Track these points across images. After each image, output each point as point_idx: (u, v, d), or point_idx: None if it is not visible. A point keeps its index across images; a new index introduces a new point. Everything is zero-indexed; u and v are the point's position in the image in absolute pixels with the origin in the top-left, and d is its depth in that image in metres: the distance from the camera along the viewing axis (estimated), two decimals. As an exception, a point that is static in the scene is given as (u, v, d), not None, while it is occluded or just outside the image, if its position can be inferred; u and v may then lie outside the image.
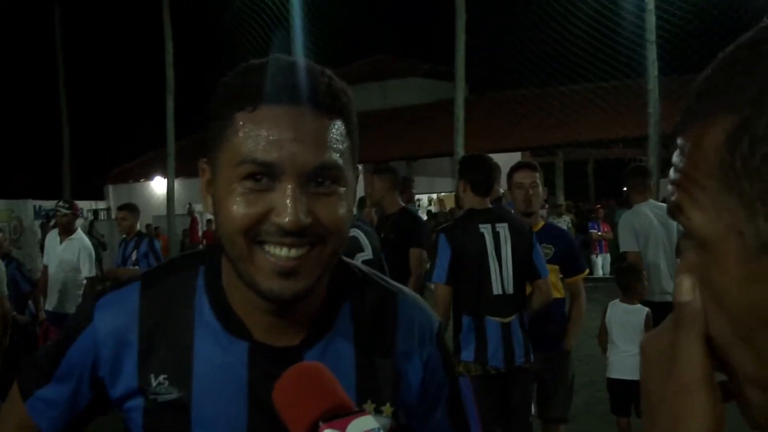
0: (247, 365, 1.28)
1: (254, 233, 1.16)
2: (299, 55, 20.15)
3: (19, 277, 7.60)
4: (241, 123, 1.16)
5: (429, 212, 24.85)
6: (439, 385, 1.41)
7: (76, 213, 8.40)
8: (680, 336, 0.71)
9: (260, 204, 1.15)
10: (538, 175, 5.21)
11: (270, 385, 1.19)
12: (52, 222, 15.98)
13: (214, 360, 1.28)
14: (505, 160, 27.77)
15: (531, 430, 4.96)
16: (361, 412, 1.00)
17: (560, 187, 24.54)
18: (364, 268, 1.42)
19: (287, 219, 1.13)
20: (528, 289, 4.84)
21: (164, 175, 22.66)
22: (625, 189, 7.58)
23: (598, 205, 23.33)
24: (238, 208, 1.15)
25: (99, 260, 24.72)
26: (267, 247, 1.16)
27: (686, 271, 0.71)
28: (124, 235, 8.55)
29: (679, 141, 0.71)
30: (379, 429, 0.98)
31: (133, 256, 8.12)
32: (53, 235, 8.27)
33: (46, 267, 8.18)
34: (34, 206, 25.32)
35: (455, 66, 17.41)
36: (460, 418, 1.46)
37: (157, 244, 8.44)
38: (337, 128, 1.19)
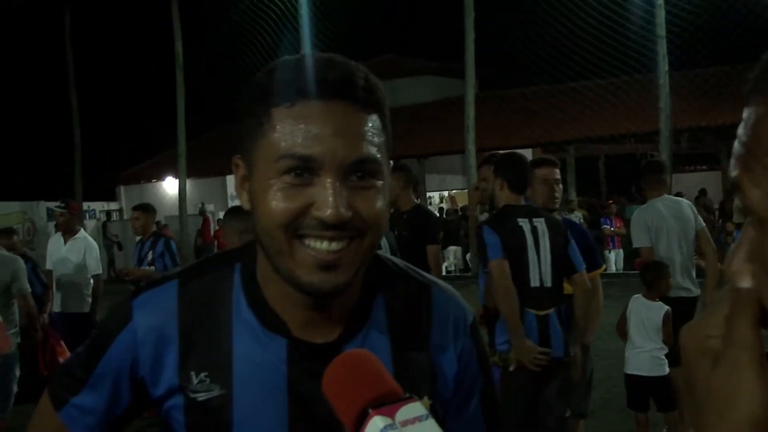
0: (286, 362, 1.28)
1: (294, 227, 1.16)
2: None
3: (34, 279, 7.58)
4: (279, 119, 1.17)
5: (440, 210, 24.84)
6: (473, 377, 1.41)
7: (74, 212, 8.34)
8: (736, 318, 0.71)
9: (300, 198, 1.15)
10: (558, 170, 5.24)
11: (310, 381, 1.24)
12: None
13: (253, 357, 1.28)
14: (516, 157, 27.47)
15: (565, 425, 4.97)
16: (411, 398, 1.01)
17: (572, 183, 24.43)
18: (398, 261, 1.43)
19: (328, 212, 1.13)
20: (566, 287, 4.88)
21: (176, 175, 22.75)
22: (640, 184, 7.51)
23: (610, 201, 23.25)
24: (278, 203, 1.16)
25: (112, 260, 24.90)
26: (307, 241, 1.17)
27: (743, 251, 0.71)
28: (140, 236, 8.48)
29: (744, 113, 0.70)
30: (427, 416, 0.99)
31: (149, 256, 8.03)
32: (56, 238, 8.25)
33: (50, 272, 8.10)
34: (47, 208, 25.38)
35: (465, 63, 17.42)
36: (492, 410, 1.47)
37: (173, 245, 8.37)
38: (374, 122, 1.20)
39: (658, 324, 5.71)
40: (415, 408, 0.98)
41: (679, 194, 17.65)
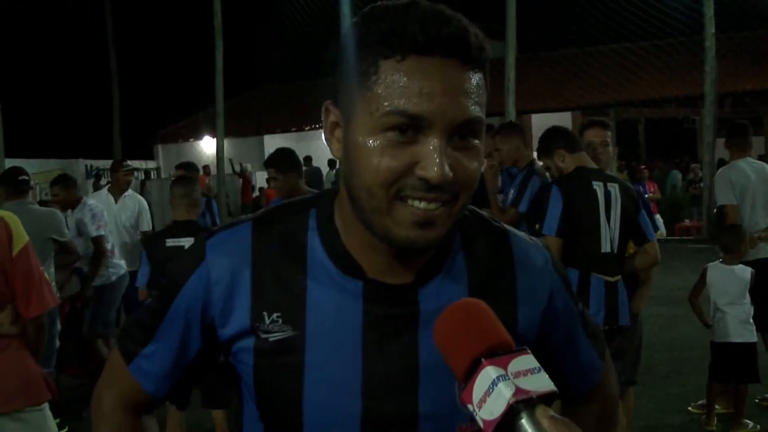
0: (361, 303, 1.26)
1: (397, 188, 1.14)
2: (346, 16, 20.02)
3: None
4: (387, 72, 1.13)
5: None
6: (569, 309, 1.42)
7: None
8: None
9: (404, 157, 1.13)
10: (609, 133, 5.10)
11: (385, 322, 1.26)
12: (105, 182, 16.13)
13: (327, 298, 1.27)
14: (557, 120, 27.54)
15: (626, 395, 4.96)
16: (523, 350, 1.01)
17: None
18: (471, 207, 1.39)
19: (434, 173, 1.11)
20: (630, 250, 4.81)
21: (213, 134, 22.84)
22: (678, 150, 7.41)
23: (643, 166, 22.95)
24: (382, 160, 1.13)
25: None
26: (410, 202, 1.14)
27: None
28: None
29: None
30: (539, 368, 1.00)
31: None
32: (104, 197, 8.07)
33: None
34: (86, 165, 25.68)
35: (506, 25, 17.21)
36: (595, 332, 1.49)
37: (215, 204, 8.36)
38: (480, 81, 1.17)
39: (745, 287, 5.63)
40: (528, 360, 1.00)
41: (722, 159, 17.37)
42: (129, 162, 8.41)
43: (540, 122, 28.91)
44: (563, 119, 29.37)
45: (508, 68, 17.09)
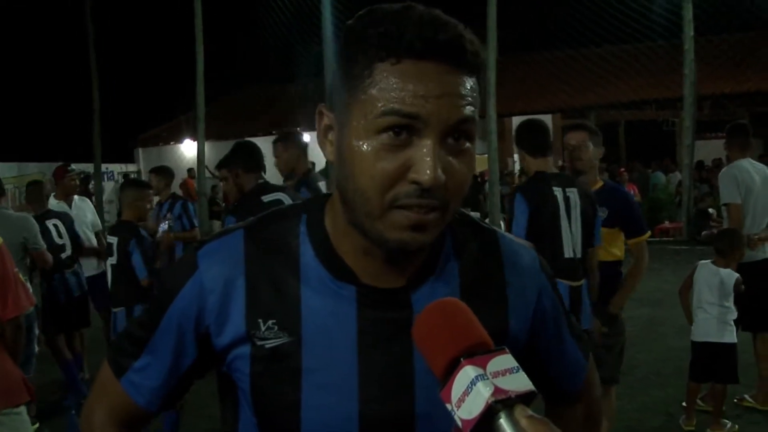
0: (355, 308, 1.27)
1: (392, 197, 1.15)
2: (327, 25, 20.00)
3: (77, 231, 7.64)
4: (382, 74, 1.13)
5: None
6: (556, 309, 1.44)
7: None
8: None
9: (397, 160, 1.13)
10: (587, 134, 5.10)
11: (379, 326, 1.26)
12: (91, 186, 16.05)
13: (321, 304, 1.27)
14: (536, 123, 27.26)
15: (609, 394, 5.01)
16: (502, 350, 1.01)
17: (592, 149, 24.30)
18: (460, 210, 1.39)
19: (426, 177, 1.12)
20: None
21: (194, 138, 22.76)
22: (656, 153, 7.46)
23: (622, 168, 23.02)
24: (376, 164, 1.14)
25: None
26: (404, 211, 1.15)
27: None
28: (158, 198, 8.46)
29: None
30: (518, 368, 1.00)
31: (168, 218, 8.06)
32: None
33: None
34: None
35: (487, 27, 17.25)
36: (578, 332, 1.51)
37: (191, 207, 8.34)
38: (474, 85, 1.18)
39: (730, 290, 5.67)
40: (506, 360, 1.00)
41: (700, 162, 17.42)
42: (73, 166, 8.53)
43: (521, 125, 29.08)
44: (544, 121, 29.49)
45: (488, 70, 17.12)
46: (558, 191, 4.63)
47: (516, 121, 28.38)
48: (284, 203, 4.66)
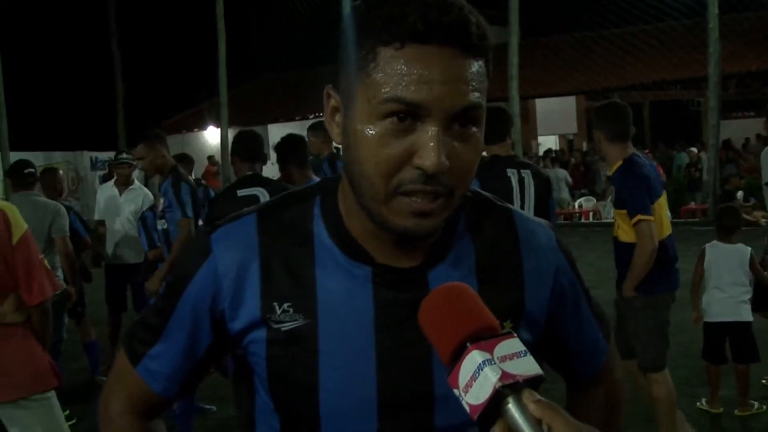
0: (371, 288, 1.26)
1: (397, 183, 1.13)
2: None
3: (78, 225, 7.57)
4: (386, 59, 1.12)
5: (483, 158, 24.63)
6: (574, 285, 1.42)
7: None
8: None
9: (401, 145, 1.12)
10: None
11: (396, 306, 1.25)
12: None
13: (337, 285, 1.26)
14: (558, 105, 27.28)
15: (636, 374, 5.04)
16: (509, 334, 1.01)
17: (615, 130, 24.15)
18: (473, 188, 1.38)
19: (429, 162, 1.10)
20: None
21: (217, 124, 22.81)
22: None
23: (647, 150, 22.84)
24: (380, 150, 1.13)
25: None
26: (408, 197, 1.14)
27: None
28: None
29: None
30: (525, 352, 0.99)
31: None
32: (109, 189, 8.07)
33: (102, 222, 7.98)
34: (91, 157, 25.67)
35: (509, 10, 17.16)
36: (597, 307, 1.49)
37: (212, 193, 8.29)
38: (481, 68, 1.16)
39: (745, 266, 5.64)
40: (514, 344, 0.99)
41: (727, 141, 17.29)
42: (125, 154, 8.24)
43: (544, 108, 28.94)
44: (567, 103, 29.34)
45: (511, 54, 17.05)
46: (512, 173, 4.95)
47: (540, 103, 28.30)
48: (260, 199, 4.68)
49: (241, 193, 4.87)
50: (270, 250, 1.29)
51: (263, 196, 4.82)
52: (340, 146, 1.25)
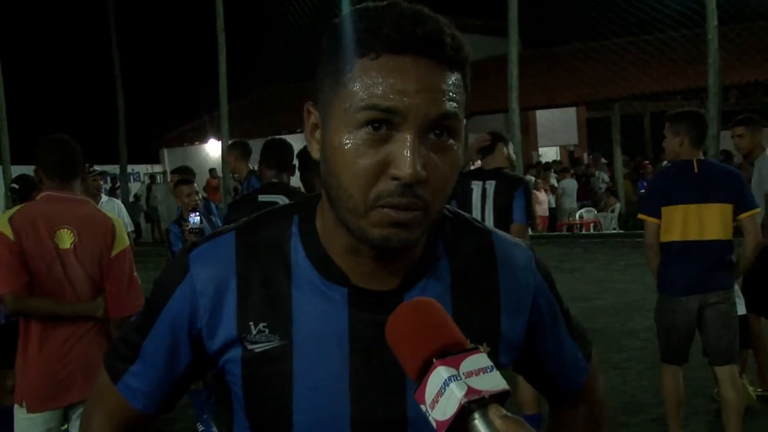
0: (347, 311, 1.26)
1: (375, 196, 1.14)
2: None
3: None
4: (362, 70, 1.13)
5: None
6: (552, 306, 1.42)
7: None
8: None
9: (377, 155, 1.13)
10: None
11: (371, 329, 1.25)
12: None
13: (312, 307, 1.26)
14: (559, 116, 27.30)
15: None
16: (475, 349, 1.00)
17: (616, 141, 24.16)
18: (451, 208, 1.40)
19: (405, 171, 1.10)
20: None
21: (219, 137, 22.83)
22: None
23: (646, 162, 22.82)
24: (357, 161, 1.13)
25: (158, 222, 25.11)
26: (386, 209, 1.14)
27: None
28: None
29: None
30: (492, 367, 0.99)
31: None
32: None
33: None
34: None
35: (508, 21, 17.18)
36: (577, 326, 1.48)
37: (214, 207, 8.30)
38: (457, 80, 1.17)
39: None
40: (480, 359, 0.99)
41: (727, 152, 17.33)
42: (96, 166, 8.26)
43: (544, 118, 28.95)
44: (567, 114, 29.36)
45: (510, 64, 17.05)
46: (477, 184, 5.63)
47: (540, 114, 28.29)
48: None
49: (262, 198, 4.89)
50: (247, 269, 1.29)
51: (283, 202, 4.84)
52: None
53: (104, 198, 8.15)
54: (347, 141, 1.14)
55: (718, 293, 4.97)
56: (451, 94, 1.15)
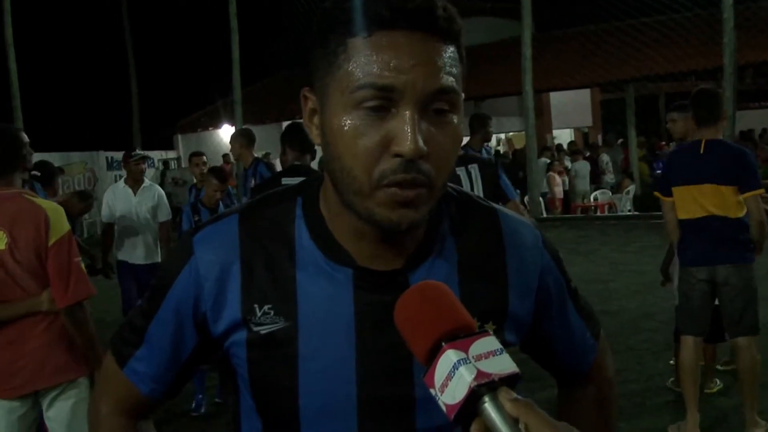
0: (352, 291, 1.26)
1: (378, 176, 1.13)
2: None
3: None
4: (355, 49, 1.12)
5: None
6: (560, 284, 1.42)
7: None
8: None
9: (378, 134, 1.12)
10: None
11: (377, 309, 1.24)
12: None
13: (317, 288, 1.26)
14: (573, 97, 27.15)
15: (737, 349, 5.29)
16: (484, 333, 1.00)
17: (631, 122, 24.03)
18: (456, 187, 1.39)
19: (406, 147, 1.10)
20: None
21: (232, 122, 22.85)
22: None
23: (663, 143, 22.67)
24: (358, 142, 1.13)
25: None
26: (391, 188, 1.13)
27: None
28: (195, 181, 8.58)
29: None
30: (501, 350, 0.99)
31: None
32: (121, 189, 7.86)
33: (111, 225, 7.81)
34: (107, 157, 25.81)
35: (522, 3, 17.11)
36: (584, 305, 1.49)
37: (231, 191, 8.29)
38: (452, 53, 1.16)
39: None
40: (489, 342, 0.99)
41: (743, 132, 17.19)
42: (139, 151, 8.17)
43: (558, 101, 28.82)
44: (581, 96, 29.22)
45: (524, 47, 17.00)
46: (461, 170, 5.60)
47: (554, 96, 28.14)
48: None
49: (285, 181, 4.93)
50: (251, 252, 1.29)
51: None
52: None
53: (146, 182, 7.95)
54: (346, 122, 1.13)
55: (727, 267, 5.10)
56: (447, 67, 1.14)
